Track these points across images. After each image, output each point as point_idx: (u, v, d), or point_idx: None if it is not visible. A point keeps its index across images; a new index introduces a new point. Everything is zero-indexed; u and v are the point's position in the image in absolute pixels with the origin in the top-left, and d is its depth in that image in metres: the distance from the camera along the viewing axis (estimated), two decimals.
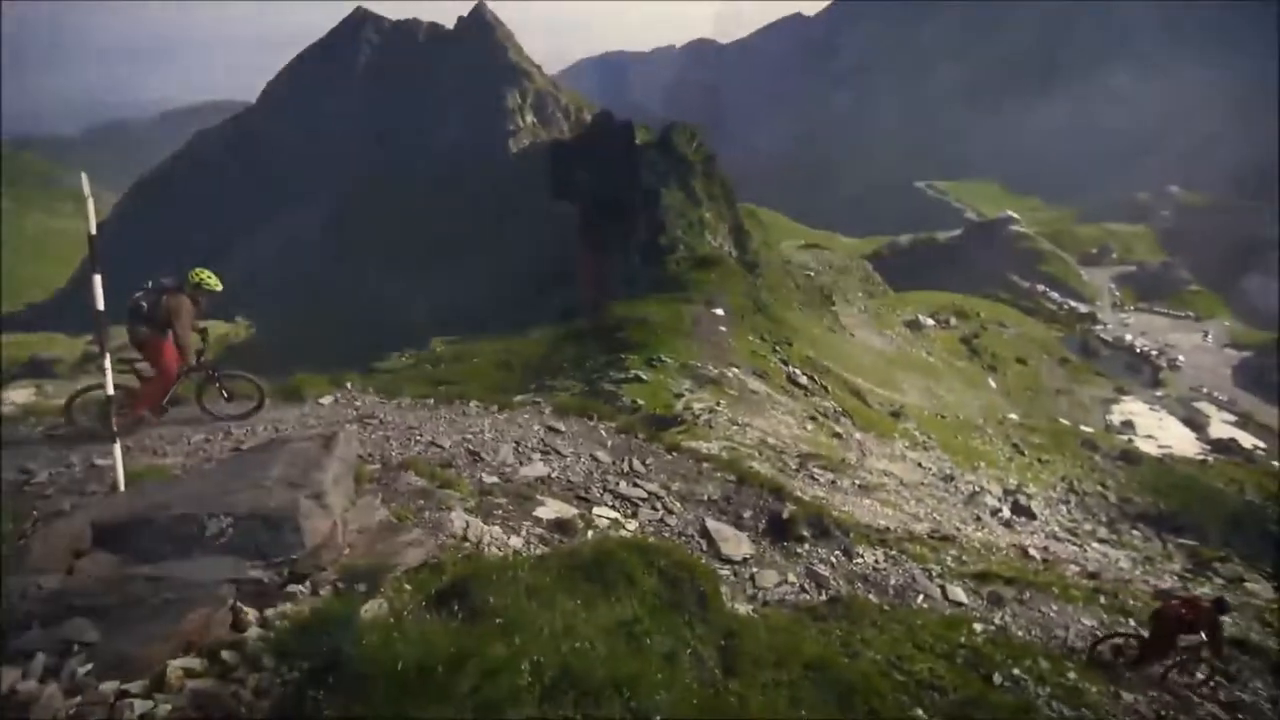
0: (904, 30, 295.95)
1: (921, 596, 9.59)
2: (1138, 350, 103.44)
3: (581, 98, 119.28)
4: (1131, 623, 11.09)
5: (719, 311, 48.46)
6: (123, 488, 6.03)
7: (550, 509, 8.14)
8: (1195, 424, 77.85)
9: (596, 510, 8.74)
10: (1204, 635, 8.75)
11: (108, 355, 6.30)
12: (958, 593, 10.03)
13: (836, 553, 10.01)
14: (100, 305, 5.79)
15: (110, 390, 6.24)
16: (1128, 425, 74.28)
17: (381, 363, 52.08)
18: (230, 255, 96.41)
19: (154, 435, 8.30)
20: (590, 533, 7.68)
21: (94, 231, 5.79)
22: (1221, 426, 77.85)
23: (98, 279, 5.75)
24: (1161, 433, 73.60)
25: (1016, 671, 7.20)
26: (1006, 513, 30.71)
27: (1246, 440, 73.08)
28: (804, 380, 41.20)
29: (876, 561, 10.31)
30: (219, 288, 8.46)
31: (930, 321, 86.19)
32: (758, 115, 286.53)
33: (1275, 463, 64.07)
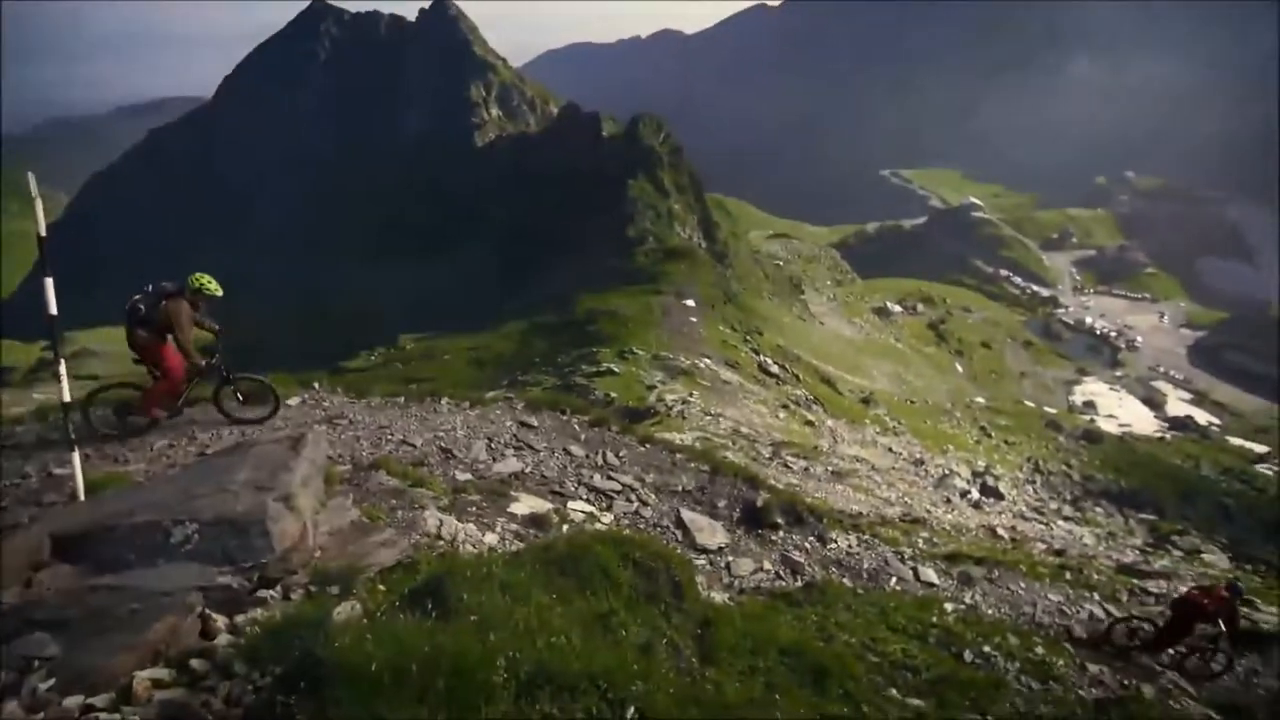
0: (866, 21, 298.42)
1: (894, 579, 9.77)
2: (1098, 332, 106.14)
3: (547, 90, 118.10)
4: (1096, 597, 11.43)
5: (689, 302, 48.66)
6: (82, 497, 5.87)
7: (525, 505, 8.13)
8: (1153, 402, 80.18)
9: (571, 504, 8.74)
10: (1222, 624, 9.12)
11: (62, 361, 6.13)
12: (929, 574, 10.24)
13: (810, 539, 10.14)
14: (53, 310, 5.62)
15: (66, 397, 6.07)
16: (1089, 405, 76.27)
17: (350, 361, 51.41)
18: (191, 254, 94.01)
19: (114, 442, 8.10)
20: (565, 527, 7.68)
21: (43, 233, 5.61)
22: (1178, 404, 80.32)
23: (49, 282, 5.58)
24: (1122, 412, 75.69)
25: (987, 648, 7.37)
26: (975, 494, 31.36)
27: (1202, 417, 75.54)
28: (775, 369, 41.58)
29: (850, 546, 10.47)
30: (219, 292, 8.42)
31: (898, 308, 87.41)
32: (723, 106, 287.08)
33: (1229, 438, 66.28)
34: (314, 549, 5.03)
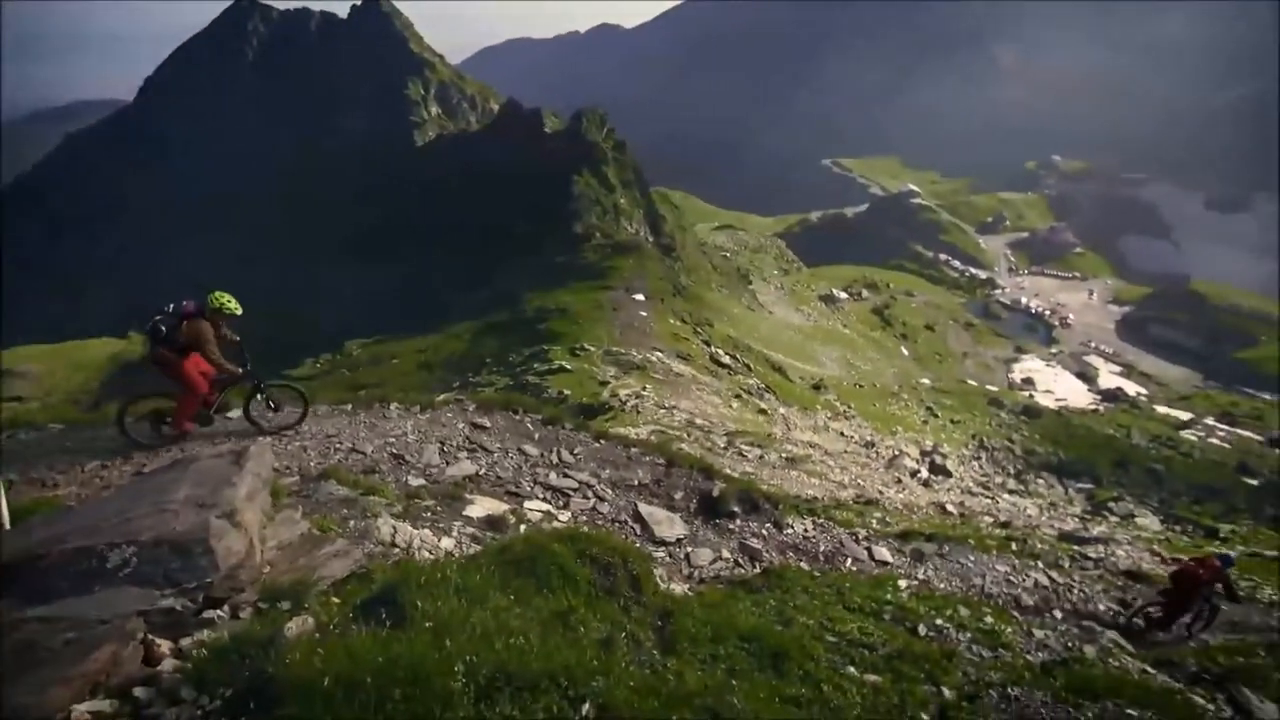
0: (802, 14, 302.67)
1: (850, 560, 9.99)
2: (1033, 311, 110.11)
3: (488, 87, 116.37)
4: (1040, 565, 11.90)
5: (639, 297, 48.78)
6: (8, 525, 5.58)
7: (481, 507, 8.03)
8: (1086, 376, 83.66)
9: (528, 504, 8.69)
10: (1219, 588, 9.98)
11: None
12: (883, 553, 10.50)
13: (767, 525, 10.28)
14: None
15: None
16: (1028, 382, 79.22)
17: (294, 369, 49.90)
18: (118, 265, 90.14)
19: (41, 466, 7.71)
20: (522, 527, 7.62)
21: None
22: (1109, 377, 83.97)
23: None
24: (1058, 386, 78.88)
25: (939, 621, 7.60)
26: (924, 473, 32.31)
27: (1131, 388, 79.27)
28: (727, 359, 42.02)
29: (806, 530, 10.65)
30: (239, 311, 8.71)
31: (844, 295, 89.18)
32: (664, 99, 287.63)
33: (1156, 407, 69.70)
34: (262, 565, 4.89)
